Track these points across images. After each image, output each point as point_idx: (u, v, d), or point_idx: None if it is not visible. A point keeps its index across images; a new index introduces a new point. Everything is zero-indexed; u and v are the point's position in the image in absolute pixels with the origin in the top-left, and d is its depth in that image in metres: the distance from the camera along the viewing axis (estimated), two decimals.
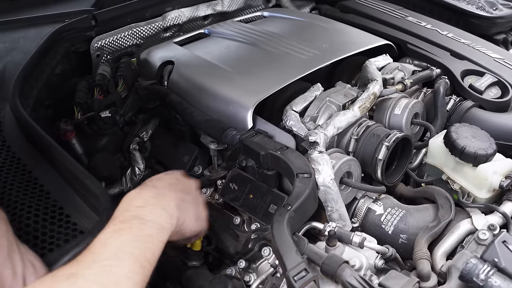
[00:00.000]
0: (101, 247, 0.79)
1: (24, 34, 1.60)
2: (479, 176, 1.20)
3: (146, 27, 1.80)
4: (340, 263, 0.95)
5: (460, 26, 1.91)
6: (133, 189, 0.98)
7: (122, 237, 0.82)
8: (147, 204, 0.91)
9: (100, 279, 0.73)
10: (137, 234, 0.84)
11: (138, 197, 0.94)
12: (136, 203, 0.92)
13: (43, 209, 1.03)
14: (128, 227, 0.84)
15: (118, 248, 0.79)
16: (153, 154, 1.56)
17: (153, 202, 0.93)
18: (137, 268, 0.78)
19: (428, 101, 1.53)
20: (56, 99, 1.52)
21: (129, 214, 0.88)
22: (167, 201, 0.96)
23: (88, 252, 0.78)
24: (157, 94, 1.50)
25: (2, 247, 0.80)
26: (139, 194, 0.95)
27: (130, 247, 0.80)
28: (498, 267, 0.94)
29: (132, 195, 0.94)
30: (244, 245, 1.19)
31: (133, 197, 0.94)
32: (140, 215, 0.88)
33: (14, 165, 1.16)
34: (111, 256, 0.77)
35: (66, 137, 1.40)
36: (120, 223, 0.85)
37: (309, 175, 1.10)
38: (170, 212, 0.94)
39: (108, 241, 0.80)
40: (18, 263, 0.82)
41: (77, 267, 0.75)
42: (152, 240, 0.85)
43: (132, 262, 0.78)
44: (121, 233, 0.82)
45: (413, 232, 1.18)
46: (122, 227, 0.84)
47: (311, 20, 1.88)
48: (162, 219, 0.91)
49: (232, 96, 1.36)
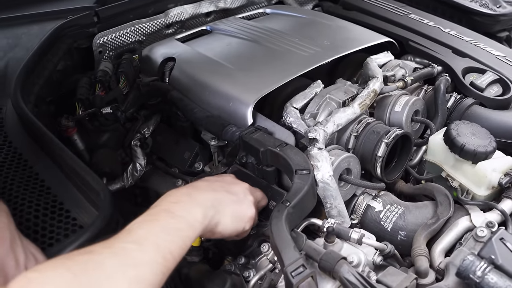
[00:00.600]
0: (126, 233, 0.80)
1: (27, 30, 1.61)
2: (478, 173, 1.20)
3: (148, 23, 1.81)
4: (338, 259, 0.95)
5: (463, 24, 1.91)
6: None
7: (149, 227, 0.82)
8: (179, 201, 0.92)
9: (117, 258, 0.73)
10: (164, 226, 0.84)
11: (173, 193, 0.95)
12: (169, 199, 0.93)
13: (44, 204, 1.04)
14: (156, 219, 0.85)
15: (143, 235, 0.79)
16: (154, 150, 1.57)
17: (186, 199, 0.94)
18: (159, 258, 0.77)
19: (428, 99, 1.53)
20: (58, 95, 1.53)
21: (160, 208, 0.89)
22: (202, 199, 0.96)
23: (112, 237, 0.78)
24: (158, 91, 1.50)
25: (4, 239, 0.82)
26: (176, 191, 0.96)
27: (155, 236, 0.80)
28: (495, 264, 0.94)
29: (169, 193, 0.96)
30: (243, 241, 1.19)
31: (169, 194, 0.95)
32: (170, 210, 0.88)
33: (16, 160, 1.17)
34: (133, 240, 0.77)
35: (68, 133, 1.41)
36: (150, 215, 0.86)
37: (308, 171, 1.10)
38: (203, 211, 0.93)
39: (134, 229, 0.80)
40: (21, 255, 0.83)
41: (98, 246, 0.75)
42: (180, 234, 0.85)
43: (154, 251, 0.77)
44: (148, 224, 0.83)
45: (412, 229, 1.18)
46: (151, 218, 0.85)
47: (313, 17, 1.88)
48: (192, 216, 0.90)
49: (233, 93, 1.36)
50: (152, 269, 0.75)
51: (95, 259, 0.72)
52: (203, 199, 0.96)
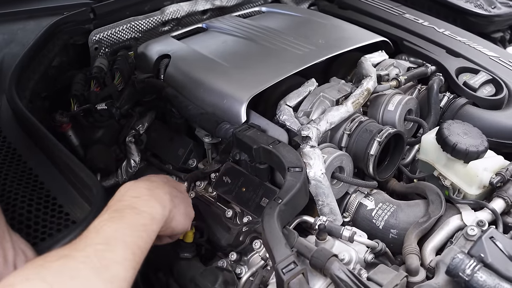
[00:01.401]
0: (95, 232, 0.81)
1: (23, 26, 1.61)
2: (469, 172, 1.21)
3: (144, 20, 1.81)
4: (329, 257, 0.96)
5: (457, 24, 1.92)
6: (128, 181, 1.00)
7: (116, 224, 0.83)
8: (141, 195, 0.94)
9: (90, 262, 0.74)
10: (130, 222, 0.86)
11: (133, 188, 0.96)
12: (130, 194, 0.94)
13: (37, 199, 1.04)
14: (121, 216, 0.86)
15: (111, 234, 0.81)
16: (148, 147, 1.58)
17: (147, 193, 0.96)
18: (129, 254, 0.79)
19: (422, 98, 1.54)
20: (53, 91, 1.54)
21: (123, 203, 0.91)
22: (161, 194, 0.99)
23: (81, 237, 0.80)
24: (153, 88, 1.51)
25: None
26: (134, 185, 0.98)
27: (123, 234, 0.82)
28: (484, 263, 0.94)
29: (127, 186, 0.97)
30: (235, 237, 1.20)
31: (128, 188, 0.96)
32: (134, 205, 0.90)
33: (10, 155, 1.17)
34: (103, 241, 0.79)
35: (62, 128, 1.41)
36: (114, 212, 0.88)
37: (301, 169, 1.11)
38: (163, 205, 0.97)
39: (102, 228, 0.82)
40: (10, 251, 0.83)
41: (69, 250, 0.76)
42: (145, 229, 0.87)
43: (124, 249, 0.80)
44: (115, 221, 0.84)
45: (403, 227, 1.19)
46: (116, 215, 0.86)
47: (308, 16, 1.89)
48: (155, 210, 0.93)
49: (227, 90, 1.37)
50: (124, 267, 0.78)
51: (69, 266, 0.72)
52: (161, 193, 0.99)
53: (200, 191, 1.37)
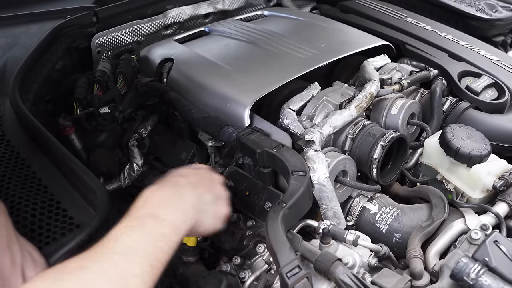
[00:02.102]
0: (113, 241, 0.79)
1: (26, 29, 1.61)
2: (473, 176, 1.21)
3: (147, 24, 1.81)
4: (333, 261, 0.96)
5: (459, 28, 1.92)
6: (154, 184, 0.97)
7: (135, 234, 0.81)
8: (163, 202, 0.91)
9: (107, 274, 0.72)
10: (151, 232, 0.83)
11: (156, 194, 0.93)
12: (153, 200, 0.91)
13: (41, 203, 1.04)
14: (142, 225, 0.84)
15: (130, 245, 0.78)
16: (151, 151, 1.58)
17: (170, 200, 0.93)
18: (147, 266, 0.77)
19: (424, 102, 1.54)
20: (56, 95, 1.54)
21: (145, 211, 0.88)
22: (185, 201, 0.96)
23: (100, 246, 0.78)
24: (156, 91, 1.51)
25: (1, 237, 0.82)
26: (158, 191, 0.94)
27: (142, 244, 0.79)
28: (488, 267, 0.95)
29: (150, 191, 0.94)
30: (239, 241, 1.20)
31: (151, 193, 0.93)
32: (155, 213, 0.87)
33: (13, 159, 1.17)
34: (122, 251, 0.76)
35: (65, 132, 1.41)
36: (135, 220, 0.85)
37: (304, 173, 1.11)
38: (186, 213, 0.93)
39: (121, 237, 0.79)
40: (17, 253, 0.83)
41: (87, 260, 0.74)
42: (165, 239, 0.84)
43: (142, 260, 0.77)
44: (135, 230, 0.82)
45: (407, 231, 1.19)
46: (136, 224, 0.84)
47: (311, 20, 1.89)
48: (177, 219, 0.90)
49: (230, 94, 1.37)
50: (143, 279, 0.76)
51: (86, 279, 0.71)
52: (186, 199, 0.96)
53: None
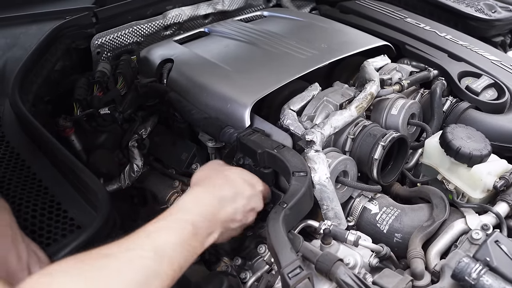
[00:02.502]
0: (145, 237, 0.80)
1: (25, 30, 1.61)
2: (473, 176, 1.21)
3: (146, 25, 1.81)
4: (335, 261, 0.96)
5: (458, 28, 1.92)
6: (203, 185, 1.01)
7: (169, 237, 0.83)
8: (205, 217, 0.94)
9: (133, 267, 0.73)
10: (184, 240, 0.85)
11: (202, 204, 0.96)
12: (198, 211, 0.93)
13: (41, 204, 1.04)
14: (178, 229, 0.85)
15: (161, 245, 0.80)
16: (151, 151, 1.57)
17: (211, 218, 0.95)
18: (170, 271, 0.78)
19: (425, 102, 1.54)
20: (56, 95, 1.53)
21: (188, 217, 0.90)
22: (223, 219, 0.99)
23: (130, 238, 0.79)
24: (156, 92, 1.51)
25: (6, 235, 0.82)
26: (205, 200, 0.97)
27: (171, 249, 0.81)
28: (490, 266, 0.95)
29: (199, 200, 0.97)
30: (240, 242, 1.20)
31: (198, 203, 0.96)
32: (195, 224, 0.89)
33: (13, 160, 1.17)
34: (151, 249, 0.78)
35: (65, 133, 1.41)
36: (174, 222, 0.87)
37: (305, 173, 1.11)
38: (213, 235, 0.96)
39: (154, 235, 0.81)
40: (23, 251, 0.83)
41: (113, 249, 0.75)
42: (192, 251, 0.87)
43: (167, 263, 0.78)
44: (170, 233, 0.83)
45: (407, 231, 1.19)
46: (173, 226, 0.85)
47: (310, 20, 1.89)
48: (210, 236, 0.94)
49: (230, 95, 1.37)
50: (163, 281, 0.77)
51: (111, 266, 0.71)
52: (224, 219, 0.99)
53: None
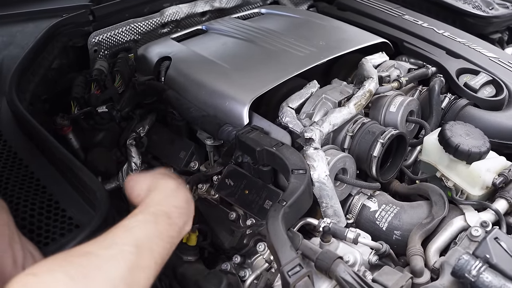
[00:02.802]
0: (125, 232, 0.79)
1: (22, 28, 1.60)
2: (472, 173, 1.21)
3: (143, 22, 1.80)
4: (334, 259, 0.96)
5: (456, 25, 1.92)
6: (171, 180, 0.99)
7: (148, 230, 0.82)
8: (180, 207, 0.93)
9: (116, 263, 0.72)
10: (162, 231, 0.85)
11: (175, 195, 0.95)
12: (172, 202, 0.93)
13: (39, 203, 1.03)
14: (156, 222, 0.85)
15: (141, 238, 0.79)
16: (149, 150, 1.57)
17: (185, 206, 0.95)
18: (152, 263, 0.78)
19: (423, 99, 1.54)
20: (53, 94, 1.53)
21: (162, 209, 0.89)
22: (191, 211, 0.98)
23: (110, 234, 0.78)
24: (154, 90, 1.50)
25: (3, 235, 0.81)
26: (176, 193, 0.97)
27: (152, 241, 0.81)
28: (489, 263, 0.95)
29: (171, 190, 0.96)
30: (239, 240, 1.19)
31: (171, 194, 0.95)
32: (171, 215, 0.89)
33: (11, 159, 1.16)
34: (132, 243, 0.77)
35: (63, 131, 1.40)
36: (150, 215, 0.86)
37: (304, 171, 1.11)
38: (189, 223, 0.96)
39: (133, 229, 0.80)
40: (19, 252, 0.82)
41: (95, 246, 0.75)
42: (171, 241, 0.86)
43: (150, 257, 0.78)
44: (148, 226, 0.83)
45: (407, 229, 1.19)
46: (151, 219, 0.85)
47: (308, 18, 1.89)
48: (185, 226, 0.93)
49: (229, 92, 1.36)
50: (146, 274, 0.76)
51: (93, 263, 0.71)
52: (192, 211, 0.98)
53: (202, 193, 1.37)
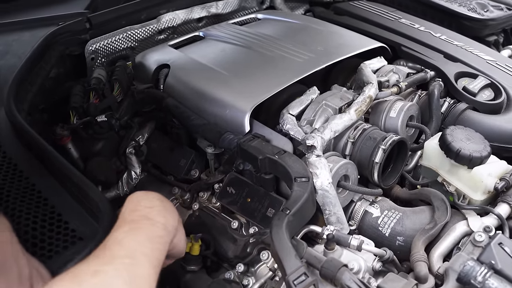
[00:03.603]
0: (117, 245, 0.80)
1: (18, 37, 1.58)
2: (474, 178, 1.21)
3: (140, 29, 1.79)
4: (339, 267, 0.96)
5: (452, 28, 1.93)
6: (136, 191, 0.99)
7: (136, 237, 0.83)
8: (154, 206, 0.93)
9: (122, 276, 0.73)
10: (148, 234, 0.85)
11: (146, 198, 0.95)
12: (145, 204, 0.93)
13: (41, 216, 1.02)
14: (139, 227, 0.85)
15: (134, 247, 0.80)
16: (149, 158, 1.56)
17: (159, 204, 0.95)
18: (151, 268, 0.79)
19: (422, 103, 1.55)
20: (51, 103, 1.51)
21: (139, 213, 0.89)
22: (170, 206, 0.98)
23: (105, 249, 0.78)
24: (153, 98, 1.49)
25: (7, 252, 0.80)
26: (146, 195, 0.96)
27: (144, 247, 0.81)
28: (494, 269, 0.95)
29: (139, 196, 0.96)
30: (242, 249, 1.19)
31: (140, 198, 0.95)
32: (149, 216, 0.89)
33: (11, 171, 1.14)
34: (128, 254, 0.78)
35: (62, 141, 1.39)
36: (132, 223, 0.86)
37: (307, 179, 1.10)
38: (173, 217, 0.95)
39: (123, 241, 0.81)
40: (25, 268, 0.81)
41: (98, 264, 0.75)
42: (161, 241, 0.87)
43: (147, 263, 0.79)
44: (134, 233, 0.83)
45: (410, 234, 1.19)
46: (134, 226, 0.85)
47: (305, 23, 1.89)
48: (168, 221, 0.92)
49: (229, 100, 1.36)
50: (149, 282, 0.77)
51: (104, 281, 0.71)
52: (171, 205, 0.98)
53: (203, 202, 1.37)
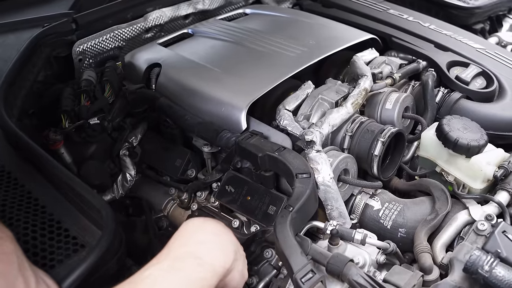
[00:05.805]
0: (150, 284, 0.75)
1: (2, 40, 1.54)
2: (473, 167, 1.22)
3: (127, 28, 1.76)
4: (346, 262, 0.95)
5: (439, 17, 1.94)
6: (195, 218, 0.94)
7: (174, 277, 0.77)
8: (207, 242, 0.87)
9: None
10: (190, 276, 0.79)
11: (200, 231, 0.89)
12: (196, 239, 0.87)
13: (40, 224, 0.99)
14: (181, 267, 0.79)
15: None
16: (144, 159, 1.53)
17: (213, 240, 0.88)
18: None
19: (416, 94, 1.55)
20: (40, 107, 1.48)
21: (186, 249, 0.83)
22: (227, 242, 0.90)
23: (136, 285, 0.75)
24: (146, 98, 1.46)
25: (12, 263, 0.78)
26: (202, 227, 0.90)
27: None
28: (500, 258, 0.95)
29: (193, 227, 0.89)
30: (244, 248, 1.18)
31: (195, 230, 0.89)
32: (197, 254, 0.82)
33: (5, 179, 1.11)
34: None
35: (54, 146, 1.36)
36: (175, 260, 0.81)
37: (309, 175, 1.10)
38: (227, 256, 0.88)
39: (158, 280, 0.76)
40: (31, 279, 0.79)
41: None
42: (203, 284, 0.80)
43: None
44: (174, 273, 0.78)
45: (411, 226, 1.19)
46: (176, 265, 0.79)
47: (294, 16, 1.87)
48: (218, 261, 0.85)
49: (224, 98, 1.34)
50: None
51: None
52: (227, 241, 0.91)
53: (201, 201, 1.35)
